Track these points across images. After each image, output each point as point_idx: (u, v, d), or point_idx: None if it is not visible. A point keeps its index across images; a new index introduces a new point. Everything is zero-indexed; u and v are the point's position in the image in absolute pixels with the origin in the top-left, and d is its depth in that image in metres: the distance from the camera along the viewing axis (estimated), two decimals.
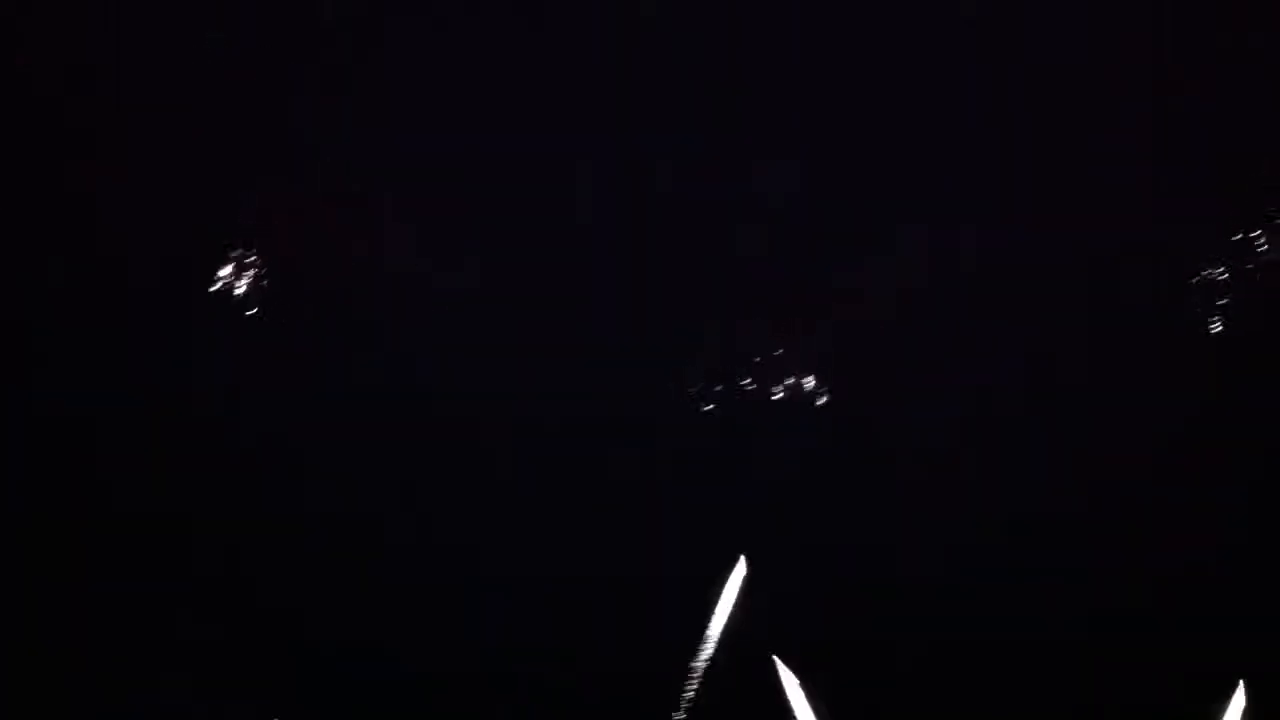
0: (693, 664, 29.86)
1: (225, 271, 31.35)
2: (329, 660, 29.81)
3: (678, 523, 31.28)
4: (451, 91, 32.30)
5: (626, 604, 30.28)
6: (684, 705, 29.46)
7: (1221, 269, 31.56)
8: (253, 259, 31.41)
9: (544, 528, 30.60)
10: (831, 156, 32.32)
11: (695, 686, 29.61)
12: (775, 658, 29.61)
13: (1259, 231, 31.44)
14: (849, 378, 31.57)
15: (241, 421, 31.18)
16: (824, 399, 31.42)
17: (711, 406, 31.57)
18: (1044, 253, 31.84)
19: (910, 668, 29.75)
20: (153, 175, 31.45)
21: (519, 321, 31.94)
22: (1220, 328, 31.44)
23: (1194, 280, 31.66)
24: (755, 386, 31.82)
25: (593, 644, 29.92)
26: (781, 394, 31.60)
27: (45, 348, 31.16)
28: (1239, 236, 31.50)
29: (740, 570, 30.34)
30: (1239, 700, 28.37)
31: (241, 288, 31.29)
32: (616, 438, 31.51)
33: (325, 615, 29.87)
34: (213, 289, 31.26)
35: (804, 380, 31.45)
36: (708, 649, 29.88)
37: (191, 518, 30.51)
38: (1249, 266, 31.55)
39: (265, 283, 31.13)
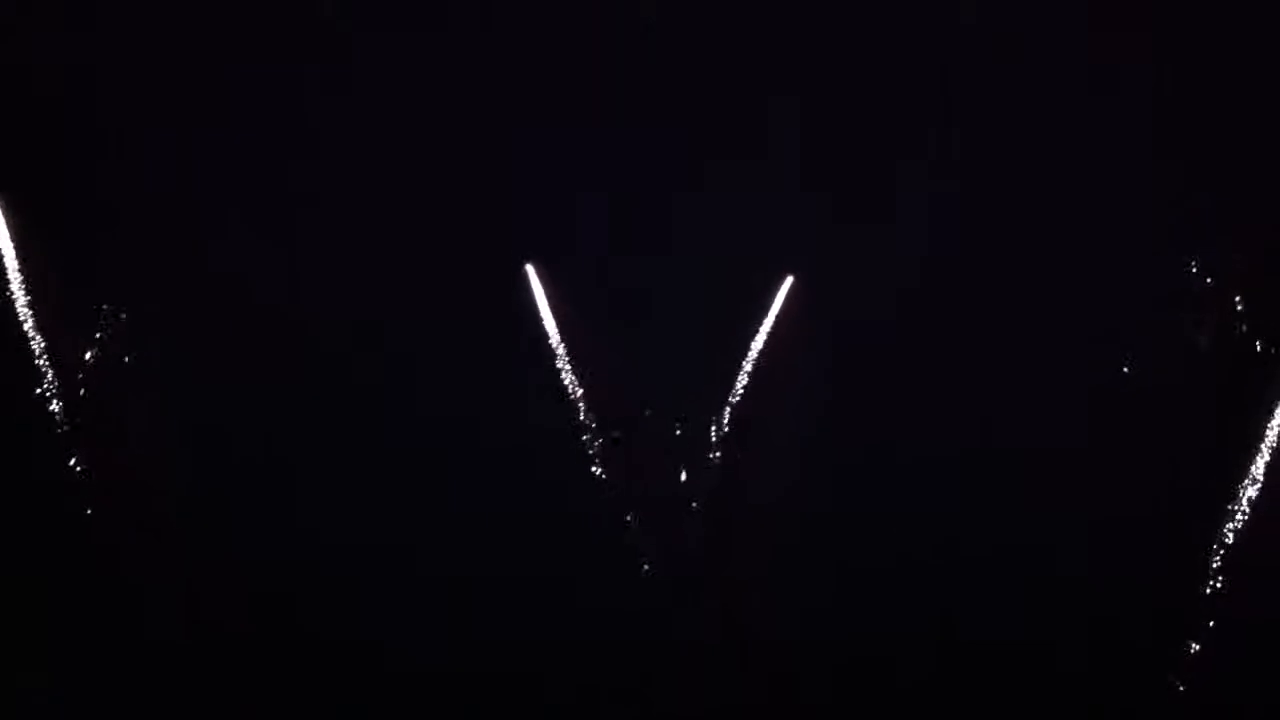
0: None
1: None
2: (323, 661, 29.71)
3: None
4: (449, 90, 32.64)
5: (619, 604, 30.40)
6: None
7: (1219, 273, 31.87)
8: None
9: (542, 530, 30.55)
10: (830, 156, 32.55)
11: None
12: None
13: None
14: (847, 380, 31.65)
15: (238, 421, 31.19)
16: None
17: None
18: (1042, 254, 32.03)
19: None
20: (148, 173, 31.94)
21: (513, 322, 32.20)
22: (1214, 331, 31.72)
23: (1193, 282, 31.90)
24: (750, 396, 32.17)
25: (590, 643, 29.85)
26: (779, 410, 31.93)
27: (46, 348, 31.15)
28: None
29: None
30: None
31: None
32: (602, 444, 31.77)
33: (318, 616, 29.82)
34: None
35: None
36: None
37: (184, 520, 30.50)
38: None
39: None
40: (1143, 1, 32.39)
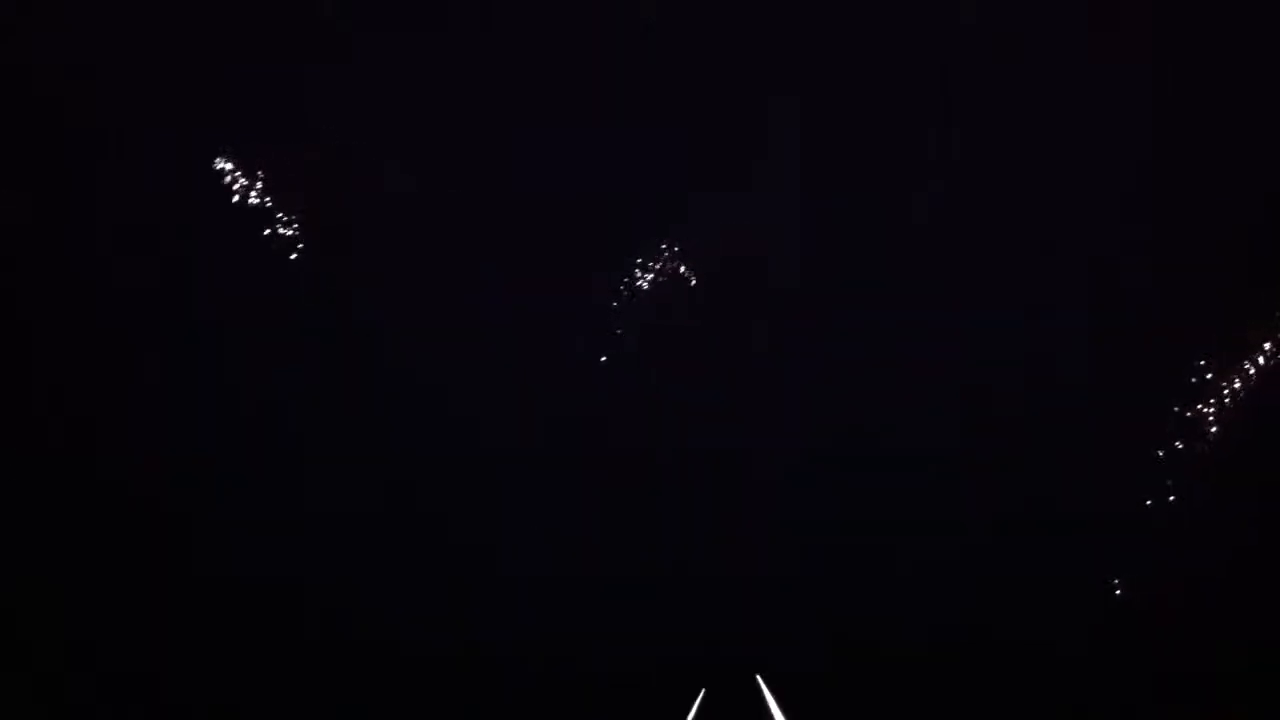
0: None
1: None
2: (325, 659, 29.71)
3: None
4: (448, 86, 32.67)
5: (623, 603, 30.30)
6: None
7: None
8: None
9: (540, 528, 30.54)
10: (830, 155, 32.52)
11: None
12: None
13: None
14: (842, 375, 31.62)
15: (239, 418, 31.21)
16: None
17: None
18: (1041, 254, 31.99)
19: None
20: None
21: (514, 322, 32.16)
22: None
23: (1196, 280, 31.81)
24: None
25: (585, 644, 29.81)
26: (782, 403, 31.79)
27: (46, 348, 31.18)
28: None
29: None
30: None
31: None
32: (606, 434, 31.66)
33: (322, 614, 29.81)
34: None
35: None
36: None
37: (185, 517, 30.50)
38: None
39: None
40: (1143, 1, 32.43)
